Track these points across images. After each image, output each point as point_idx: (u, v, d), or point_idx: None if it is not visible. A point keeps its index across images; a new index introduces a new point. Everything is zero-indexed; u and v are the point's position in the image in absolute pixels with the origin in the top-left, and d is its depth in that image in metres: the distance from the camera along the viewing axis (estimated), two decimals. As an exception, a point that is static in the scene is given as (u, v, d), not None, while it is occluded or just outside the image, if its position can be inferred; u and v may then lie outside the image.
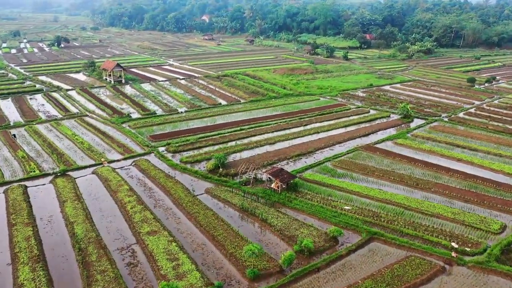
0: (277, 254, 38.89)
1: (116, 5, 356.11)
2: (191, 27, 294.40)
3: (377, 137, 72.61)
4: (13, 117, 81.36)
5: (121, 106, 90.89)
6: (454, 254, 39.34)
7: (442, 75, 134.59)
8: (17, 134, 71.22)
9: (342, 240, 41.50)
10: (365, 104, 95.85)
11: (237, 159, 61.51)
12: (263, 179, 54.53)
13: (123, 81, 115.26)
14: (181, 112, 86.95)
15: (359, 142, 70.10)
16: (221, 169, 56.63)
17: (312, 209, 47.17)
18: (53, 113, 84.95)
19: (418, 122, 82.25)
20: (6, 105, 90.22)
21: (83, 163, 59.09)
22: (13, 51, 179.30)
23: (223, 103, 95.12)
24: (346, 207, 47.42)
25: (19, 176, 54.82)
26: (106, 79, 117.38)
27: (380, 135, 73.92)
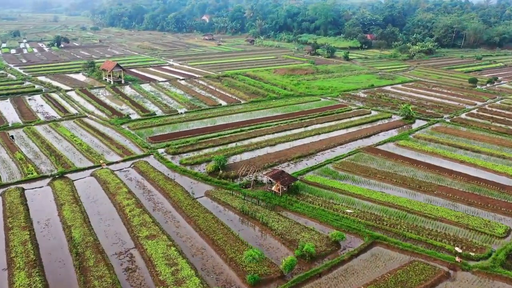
0: (278, 259, 38.18)
1: (116, 5, 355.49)
2: (191, 27, 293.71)
3: (378, 139, 71.91)
4: (12, 118, 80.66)
5: (121, 106, 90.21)
6: (458, 259, 38.63)
7: (444, 76, 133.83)
8: (15, 135, 70.59)
9: (344, 245, 40.75)
10: (366, 105, 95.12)
11: (238, 161, 60.82)
12: (263, 181, 53.79)
13: (122, 81, 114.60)
14: (181, 113, 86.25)
15: (361, 143, 69.40)
16: (221, 171, 55.93)
17: (313, 212, 46.46)
18: (52, 114, 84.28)
19: (420, 123, 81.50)
20: (5, 106, 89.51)
21: (82, 165, 58.38)
22: (13, 51, 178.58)
23: (223, 104, 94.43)
24: (348, 211, 46.71)
25: (16, 178, 54.09)
26: (105, 79, 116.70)
27: (382, 137, 73.19)
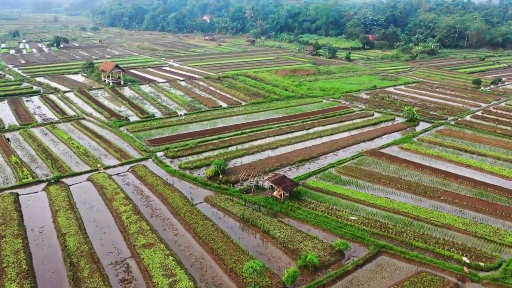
0: (279, 269, 36.73)
1: (116, 5, 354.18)
2: (192, 27, 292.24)
3: (382, 142, 70.41)
4: (8, 120, 79.22)
5: (119, 108, 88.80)
6: (466, 269, 37.18)
7: (447, 77, 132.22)
8: (11, 138, 69.18)
9: (348, 254, 39.27)
10: (369, 106, 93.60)
11: (238, 165, 59.36)
12: (264, 186, 52.33)
13: (122, 82, 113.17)
14: (181, 115, 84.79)
15: (364, 146, 67.92)
16: (221, 176, 54.49)
17: (316, 219, 44.99)
18: (49, 116, 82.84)
19: (424, 126, 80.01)
20: (2, 108, 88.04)
21: (78, 169, 56.97)
22: (12, 51, 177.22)
23: (223, 105, 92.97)
24: (352, 218, 45.23)
25: (11, 183, 52.68)
26: (104, 80, 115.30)
27: (385, 139, 71.69)
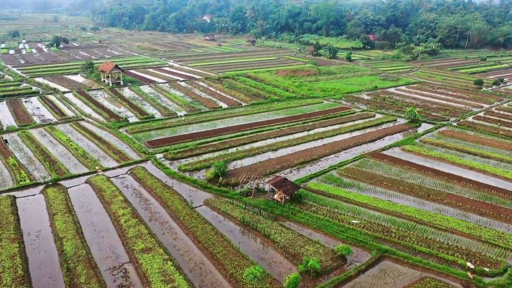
0: (280, 275, 36.00)
1: (116, 5, 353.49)
2: (192, 27, 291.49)
3: (384, 143, 69.68)
4: (7, 121, 78.52)
5: (119, 109, 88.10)
6: (470, 275, 36.45)
7: (448, 77, 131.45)
8: (9, 139, 68.48)
9: (350, 259, 38.54)
10: (370, 107, 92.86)
11: (238, 167, 58.64)
12: (265, 189, 51.61)
13: (121, 83, 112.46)
14: (180, 115, 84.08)
15: (365, 148, 67.19)
16: (221, 178, 53.77)
17: (317, 223, 44.26)
18: (48, 117, 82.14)
19: (426, 127, 79.25)
20: (0, 109, 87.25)
21: (76, 171, 56.26)
22: (11, 51, 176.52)
23: (223, 106, 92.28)
24: (354, 221, 44.51)
25: (8, 185, 51.95)
26: (104, 81, 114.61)
27: (387, 141, 70.96)
